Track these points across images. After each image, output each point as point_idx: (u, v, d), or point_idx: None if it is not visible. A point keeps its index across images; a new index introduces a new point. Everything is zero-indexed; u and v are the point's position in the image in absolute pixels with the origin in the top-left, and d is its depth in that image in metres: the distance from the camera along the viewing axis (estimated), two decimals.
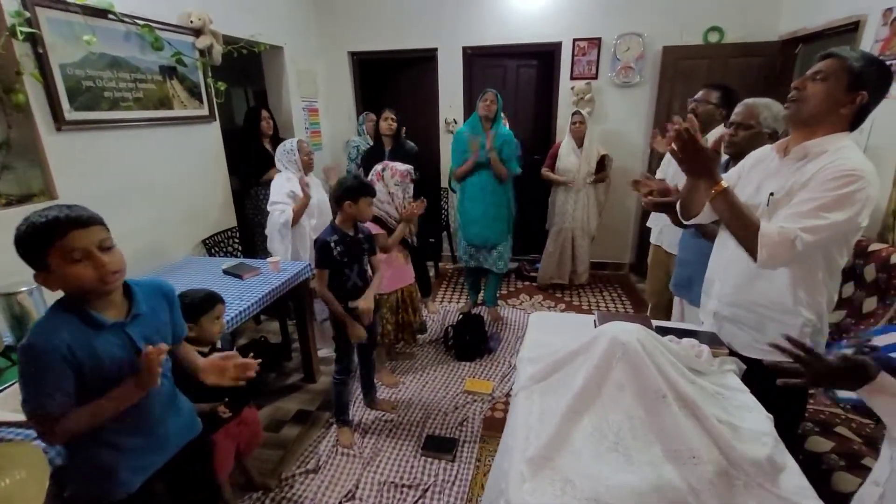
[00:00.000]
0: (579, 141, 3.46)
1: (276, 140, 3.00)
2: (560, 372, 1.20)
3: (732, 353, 1.35)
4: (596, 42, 3.69)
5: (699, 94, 2.18)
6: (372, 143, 3.58)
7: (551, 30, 3.74)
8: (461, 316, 3.05)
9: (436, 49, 3.97)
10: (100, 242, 0.94)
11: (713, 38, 3.47)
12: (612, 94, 3.79)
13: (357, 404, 2.42)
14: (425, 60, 4.06)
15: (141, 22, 2.26)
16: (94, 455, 1.04)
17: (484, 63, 4.06)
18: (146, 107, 2.35)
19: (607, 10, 3.61)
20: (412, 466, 2.01)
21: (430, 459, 2.04)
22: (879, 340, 0.85)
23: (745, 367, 1.29)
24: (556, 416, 1.03)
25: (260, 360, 1.22)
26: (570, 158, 3.47)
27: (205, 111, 2.76)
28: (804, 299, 1.23)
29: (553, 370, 1.22)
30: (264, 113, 3.16)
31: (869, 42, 2.41)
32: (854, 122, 1.16)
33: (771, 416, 1.08)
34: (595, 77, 3.77)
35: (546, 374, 1.23)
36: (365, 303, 1.98)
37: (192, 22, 2.54)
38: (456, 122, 4.08)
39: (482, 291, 3.46)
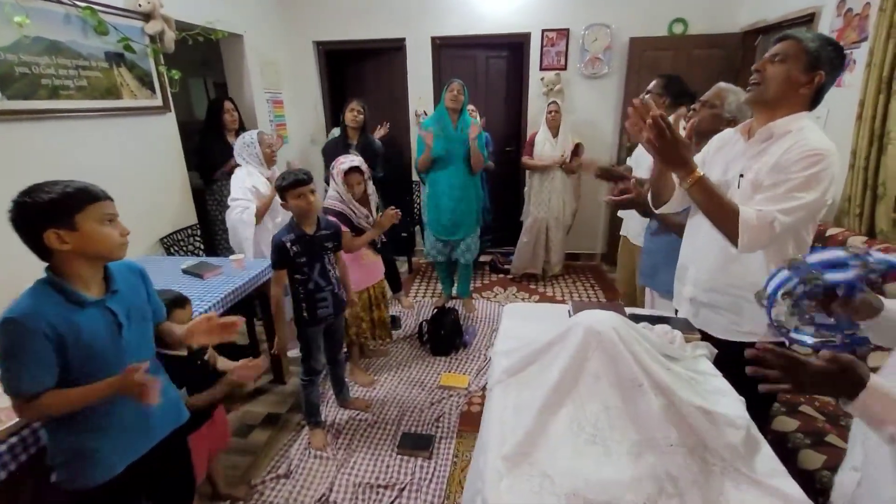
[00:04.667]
0: (554, 130, 3.48)
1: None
2: (535, 364, 1.17)
3: (708, 337, 1.35)
4: (564, 33, 3.68)
5: (650, 85, 2.22)
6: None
7: (520, 20, 3.71)
8: (435, 310, 3.01)
9: (403, 39, 3.88)
10: (109, 215, 1.04)
11: (678, 29, 3.52)
12: (581, 84, 3.80)
13: (329, 404, 2.34)
14: (393, 51, 3.97)
15: (82, 4, 2.10)
16: (76, 437, 1.05)
17: (453, 54, 4.00)
18: (91, 96, 2.19)
19: (575, 1, 3.61)
20: (388, 466, 1.96)
21: (406, 458, 1.99)
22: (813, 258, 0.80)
23: (716, 351, 1.30)
24: (533, 409, 1.00)
25: (243, 319, 1.25)
26: (545, 147, 3.49)
27: (158, 101, 2.59)
28: None
29: (528, 362, 1.19)
30: (227, 105, 3.01)
31: (824, 32, 2.48)
32: (813, 101, 1.18)
33: (743, 398, 1.09)
34: (564, 68, 3.77)
35: (521, 367, 1.20)
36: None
37: (140, 5, 2.37)
38: (426, 114, 4.01)
39: (456, 284, 3.43)
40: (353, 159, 2.25)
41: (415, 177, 4.17)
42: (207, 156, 3.01)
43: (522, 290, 3.75)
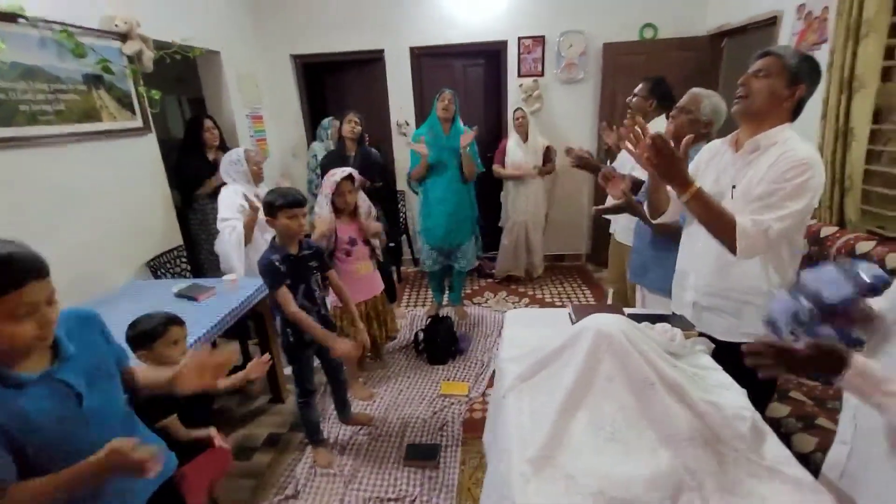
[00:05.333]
0: (524, 136, 3.57)
1: (224, 151, 2.82)
2: (546, 369, 1.20)
3: (708, 338, 1.41)
4: (540, 40, 3.77)
5: (636, 88, 2.30)
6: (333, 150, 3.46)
7: (496, 28, 3.78)
8: (429, 319, 3.02)
9: (382, 50, 3.91)
10: (49, 295, 0.82)
11: (648, 34, 3.66)
12: (558, 90, 3.90)
13: (331, 420, 2.32)
14: (372, 62, 3.99)
15: (57, 27, 2.05)
16: None
17: (432, 63, 4.04)
18: (70, 120, 2.13)
19: (549, 9, 3.70)
20: (396, 479, 1.96)
21: (413, 469, 2.00)
22: (825, 289, 0.87)
23: (713, 345, 1.36)
24: (551, 413, 1.03)
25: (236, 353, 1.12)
26: (517, 153, 3.58)
27: (138, 122, 2.54)
28: (776, 281, 1.32)
29: (539, 368, 1.22)
30: (207, 122, 2.97)
31: (786, 35, 2.63)
32: (794, 114, 1.26)
33: (744, 389, 1.15)
34: (541, 74, 3.86)
35: (532, 373, 1.23)
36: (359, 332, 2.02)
37: (116, 26, 2.33)
38: (408, 124, 4.04)
39: (447, 292, 3.45)
40: (345, 169, 2.26)
41: (399, 186, 4.18)
42: (188, 174, 2.96)
43: (511, 293, 3.80)
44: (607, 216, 2.66)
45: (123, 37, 2.38)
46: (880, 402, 0.77)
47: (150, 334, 1.39)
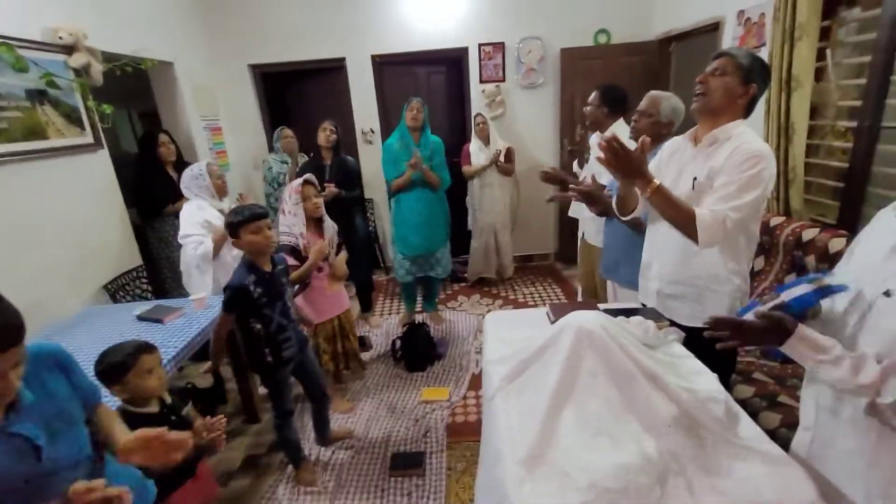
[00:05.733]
0: (485, 140, 3.64)
1: (182, 165, 2.71)
2: (531, 368, 1.23)
3: (673, 324, 1.48)
4: (500, 46, 3.85)
5: (590, 98, 2.37)
6: (288, 162, 3.40)
7: (457, 36, 3.84)
8: (405, 327, 3.01)
9: (343, 59, 3.88)
10: (19, 359, 0.77)
11: (602, 39, 3.81)
12: (520, 95, 3.99)
13: (311, 438, 2.26)
14: (334, 70, 3.95)
15: None
16: None
17: (395, 71, 4.05)
18: (13, 138, 1.99)
19: (507, 16, 3.79)
20: (383, 490, 1.93)
21: (400, 478, 1.98)
22: (786, 295, 0.96)
23: (683, 334, 1.43)
24: (539, 412, 1.05)
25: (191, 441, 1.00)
26: (479, 157, 3.66)
27: (88, 138, 2.41)
28: (734, 268, 1.41)
29: (524, 368, 1.24)
30: (162, 137, 2.86)
31: (728, 39, 2.80)
32: (747, 110, 1.35)
33: (715, 373, 1.21)
34: (503, 80, 3.94)
35: (517, 374, 1.25)
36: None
37: (60, 38, 2.21)
38: (373, 132, 4.03)
39: (419, 300, 3.45)
40: (306, 176, 2.21)
41: (368, 195, 4.15)
42: (148, 192, 2.84)
43: (485, 296, 3.84)
44: (574, 214, 2.75)
45: (69, 49, 2.26)
46: (813, 368, 0.87)
47: (119, 367, 1.30)
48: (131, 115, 4.39)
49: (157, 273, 2.96)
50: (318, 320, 2.26)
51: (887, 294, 0.83)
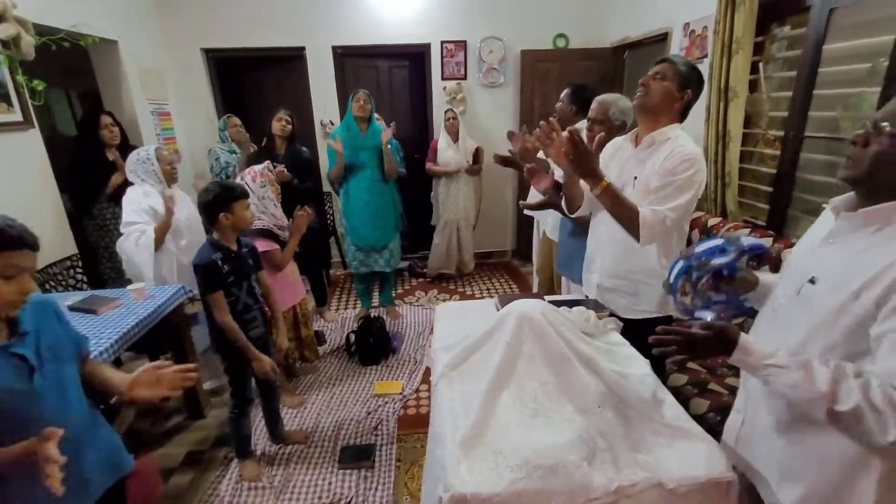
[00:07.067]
0: (454, 136, 3.66)
1: (126, 149, 2.56)
2: (475, 354, 1.26)
3: (613, 315, 1.56)
4: (462, 45, 3.89)
5: (562, 94, 2.46)
6: (237, 152, 3.28)
7: (420, 31, 3.84)
8: (360, 321, 2.99)
9: (303, 48, 3.79)
10: (33, 269, 0.94)
11: (560, 43, 3.92)
12: (481, 93, 4.04)
13: (259, 432, 2.21)
14: (293, 60, 3.85)
15: None
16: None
17: (356, 63, 4.00)
18: None
19: (470, 15, 3.83)
20: (330, 483, 1.91)
21: (349, 471, 1.96)
22: (699, 247, 1.04)
23: (622, 324, 1.51)
24: (479, 395, 1.08)
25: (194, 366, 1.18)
26: (448, 153, 3.67)
27: (17, 116, 2.24)
28: (665, 263, 1.49)
29: (468, 354, 1.27)
30: (105, 119, 2.69)
31: (675, 49, 2.95)
32: (682, 115, 1.45)
33: (647, 360, 1.28)
34: (464, 77, 3.98)
35: (461, 360, 1.28)
36: (282, 340, 1.98)
37: None
38: (332, 124, 3.96)
39: (376, 294, 3.43)
40: (266, 163, 2.23)
41: (326, 188, 4.08)
42: (84, 176, 2.67)
43: (443, 291, 3.86)
44: (531, 213, 2.82)
45: None
46: (766, 379, 0.85)
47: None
48: (70, 95, 4.10)
49: (94, 262, 2.79)
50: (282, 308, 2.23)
51: (812, 281, 0.87)
